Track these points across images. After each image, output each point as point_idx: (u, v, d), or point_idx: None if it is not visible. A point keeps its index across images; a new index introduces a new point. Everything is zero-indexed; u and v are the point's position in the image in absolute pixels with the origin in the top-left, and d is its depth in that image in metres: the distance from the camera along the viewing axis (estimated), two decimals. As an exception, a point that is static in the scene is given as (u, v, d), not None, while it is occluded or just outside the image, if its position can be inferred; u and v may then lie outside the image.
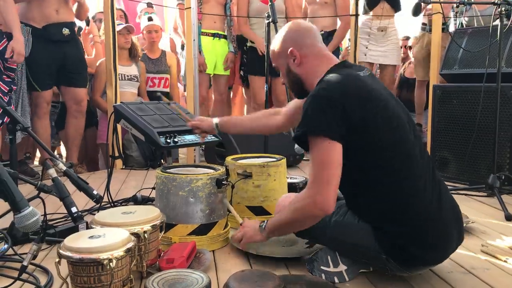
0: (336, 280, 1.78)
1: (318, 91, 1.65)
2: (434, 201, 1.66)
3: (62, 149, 4.98)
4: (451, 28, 4.27)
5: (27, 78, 3.67)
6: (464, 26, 4.09)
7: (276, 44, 1.89)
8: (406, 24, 5.50)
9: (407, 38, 5.90)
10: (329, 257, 1.83)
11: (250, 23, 4.63)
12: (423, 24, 4.76)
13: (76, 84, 3.95)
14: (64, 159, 4.14)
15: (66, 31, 3.76)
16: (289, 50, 1.81)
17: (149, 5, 5.40)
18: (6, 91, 3.36)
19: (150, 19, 4.79)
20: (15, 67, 3.49)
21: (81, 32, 4.69)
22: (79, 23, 4.57)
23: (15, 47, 3.30)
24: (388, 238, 1.66)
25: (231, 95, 5.44)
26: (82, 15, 4.23)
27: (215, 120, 2.34)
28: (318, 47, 1.84)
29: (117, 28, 4.31)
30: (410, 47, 5.61)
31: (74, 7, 4.08)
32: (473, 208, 2.82)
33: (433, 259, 1.71)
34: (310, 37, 1.84)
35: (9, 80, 3.43)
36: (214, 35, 4.62)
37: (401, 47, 5.40)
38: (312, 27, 1.90)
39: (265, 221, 1.86)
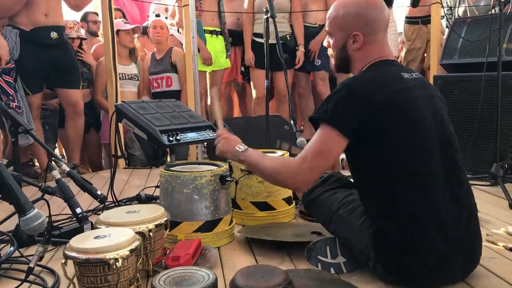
0: (332, 270, 1.79)
1: (348, 83, 1.61)
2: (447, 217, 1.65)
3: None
4: (444, 22, 4.26)
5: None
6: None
7: (344, 12, 1.71)
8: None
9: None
10: (328, 248, 1.83)
11: (254, 18, 4.62)
12: (413, 18, 4.75)
13: (68, 86, 3.91)
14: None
15: (54, 34, 3.71)
16: (355, 32, 1.68)
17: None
18: (11, 93, 3.37)
19: (157, 15, 4.82)
20: (11, 67, 3.48)
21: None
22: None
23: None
24: (386, 249, 1.62)
25: (231, 90, 5.43)
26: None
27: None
28: (381, 37, 1.71)
29: (125, 27, 4.37)
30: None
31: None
32: (477, 197, 2.74)
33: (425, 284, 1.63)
34: (382, 23, 1.70)
35: (11, 82, 3.44)
36: (212, 32, 4.62)
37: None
38: (385, 9, 1.72)
39: (245, 147, 1.89)
